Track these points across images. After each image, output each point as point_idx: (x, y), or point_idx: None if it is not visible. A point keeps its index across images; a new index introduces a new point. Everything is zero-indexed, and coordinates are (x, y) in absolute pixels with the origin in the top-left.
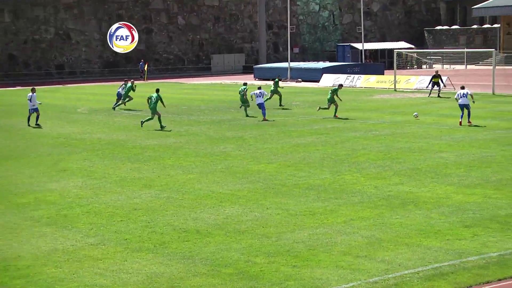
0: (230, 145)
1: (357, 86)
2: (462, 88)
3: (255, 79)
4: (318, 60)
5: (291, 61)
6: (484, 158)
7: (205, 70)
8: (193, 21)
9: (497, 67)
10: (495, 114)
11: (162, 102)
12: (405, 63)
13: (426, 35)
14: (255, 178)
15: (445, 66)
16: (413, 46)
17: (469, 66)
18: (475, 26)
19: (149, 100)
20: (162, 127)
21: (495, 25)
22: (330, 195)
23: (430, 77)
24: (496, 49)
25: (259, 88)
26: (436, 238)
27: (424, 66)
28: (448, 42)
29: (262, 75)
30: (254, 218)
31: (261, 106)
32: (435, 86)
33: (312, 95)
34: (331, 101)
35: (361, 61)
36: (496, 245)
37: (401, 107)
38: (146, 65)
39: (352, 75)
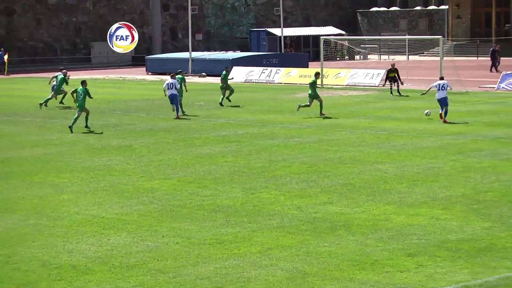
0: (116, 157)
1: (275, 82)
2: (441, 78)
3: (147, 73)
4: (226, 49)
5: (193, 50)
6: (430, 171)
7: (83, 61)
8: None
9: (445, 58)
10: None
11: (89, 95)
12: (334, 53)
13: (359, 18)
14: (147, 198)
15: (382, 56)
16: (343, 32)
17: (411, 57)
18: (418, 8)
19: (75, 95)
20: (87, 127)
21: (442, 7)
22: (242, 219)
23: (384, 71)
24: (443, 36)
25: (174, 76)
26: (373, 270)
27: (357, 57)
28: (386, 28)
29: (157, 68)
30: (147, 249)
31: (174, 99)
32: (393, 82)
33: (220, 93)
34: (314, 97)
35: (280, 50)
36: (445, 277)
37: (329, 108)
38: (6, 55)
39: (269, 68)
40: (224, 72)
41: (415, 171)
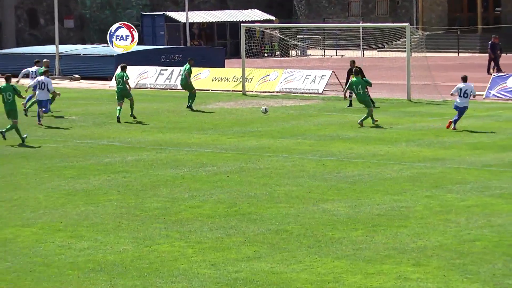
0: None
1: (178, 87)
2: (464, 80)
3: None
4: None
5: (61, 43)
6: (396, 211)
7: None
8: None
9: (413, 54)
10: (410, 134)
11: (18, 94)
12: (260, 47)
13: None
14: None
15: (328, 52)
16: (273, 18)
17: (367, 53)
18: None
19: (3, 97)
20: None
21: None
22: (134, 281)
23: (346, 72)
24: (411, 24)
25: (43, 74)
26: None
27: (293, 52)
28: (332, 12)
29: (9, 67)
30: None
31: (42, 102)
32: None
33: (100, 103)
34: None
35: (185, 43)
36: None
37: (253, 124)
38: None
39: (170, 68)
40: (187, 66)
41: (375, 212)
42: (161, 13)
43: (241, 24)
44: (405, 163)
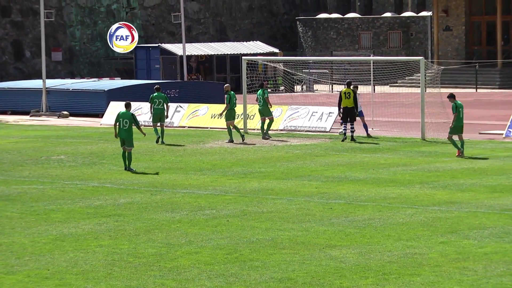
0: None
1: (175, 125)
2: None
3: None
4: (101, 76)
5: (49, 77)
6: (408, 259)
7: None
8: None
9: (428, 90)
10: (425, 176)
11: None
12: (263, 81)
13: (300, 29)
14: None
15: (336, 87)
16: (277, 51)
17: (379, 88)
18: (388, 15)
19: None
20: None
21: (424, 13)
22: None
23: (337, 98)
24: (425, 57)
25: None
26: None
27: (298, 88)
28: (340, 45)
29: None
30: None
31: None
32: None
33: (90, 142)
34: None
35: (182, 77)
36: None
37: (255, 164)
38: None
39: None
40: (263, 90)
41: (386, 259)
42: (156, 45)
43: (243, 57)
44: (418, 206)
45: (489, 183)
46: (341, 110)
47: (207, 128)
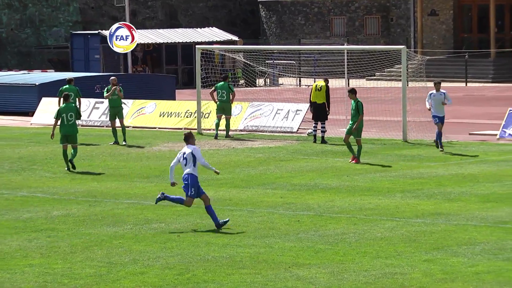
0: None
1: (117, 125)
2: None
3: None
4: (31, 68)
5: None
6: (388, 279)
7: None
8: None
9: (410, 84)
10: (407, 183)
11: None
12: (220, 74)
13: (263, 14)
14: None
15: (304, 81)
16: (236, 38)
17: (354, 82)
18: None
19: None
20: None
21: None
22: None
23: (309, 94)
24: (407, 46)
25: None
26: None
27: (260, 81)
28: (309, 32)
29: None
30: None
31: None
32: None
33: (18, 145)
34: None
35: (126, 69)
36: None
37: (210, 171)
38: None
39: (107, 101)
40: (226, 84)
41: (362, 280)
42: (96, 32)
43: (196, 46)
44: (399, 219)
45: (480, 191)
46: (313, 108)
47: (155, 128)
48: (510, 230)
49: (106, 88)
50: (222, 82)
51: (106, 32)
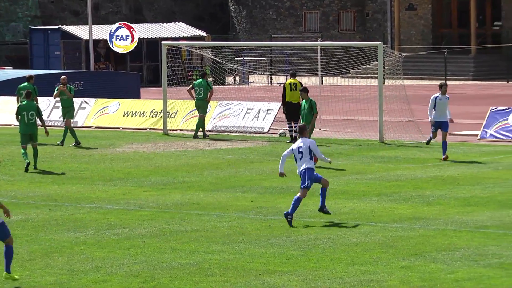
0: None
1: (79, 125)
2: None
3: None
4: None
5: None
6: (365, 286)
7: None
8: None
9: (387, 82)
10: (383, 186)
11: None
12: (188, 71)
13: (232, 8)
14: None
15: (276, 78)
16: (204, 34)
17: (328, 79)
18: None
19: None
20: None
21: None
22: None
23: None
24: (384, 42)
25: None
26: None
27: (230, 79)
28: (281, 27)
29: None
30: None
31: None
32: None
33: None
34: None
35: (88, 66)
36: None
37: (177, 173)
38: None
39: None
40: (204, 81)
41: (336, 287)
42: (57, 27)
43: (162, 42)
44: (375, 223)
45: (461, 194)
46: (285, 106)
47: (119, 128)
48: (491, 235)
49: (56, 87)
50: (200, 80)
51: (67, 27)
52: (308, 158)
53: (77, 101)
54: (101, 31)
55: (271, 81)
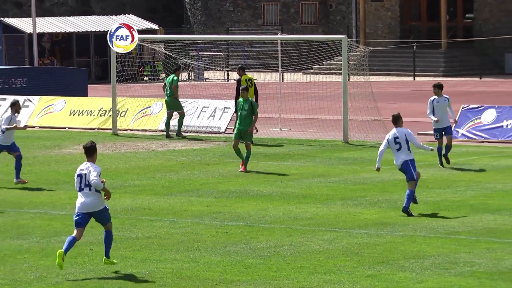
0: None
1: (22, 125)
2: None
3: None
4: None
5: None
6: None
7: None
8: None
9: (352, 78)
10: (348, 190)
11: None
12: (139, 68)
13: (186, 0)
14: None
15: (233, 74)
16: (156, 27)
17: (289, 76)
18: None
19: None
20: None
21: None
22: None
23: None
24: (349, 36)
25: None
26: None
27: (184, 75)
28: (238, 20)
29: None
30: None
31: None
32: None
33: None
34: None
35: (32, 61)
36: None
37: (127, 176)
38: None
39: (10, 98)
40: (174, 77)
41: None
42: None
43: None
44: (340, 229)
45: (430, 198)
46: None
47: (65, 128)
48: (463, 241)
49: None
50: (172, 75)
51: (9, 20)
52: (407, 148)
53: (20, 99)
54: (45, 24)
55: (228, 78)
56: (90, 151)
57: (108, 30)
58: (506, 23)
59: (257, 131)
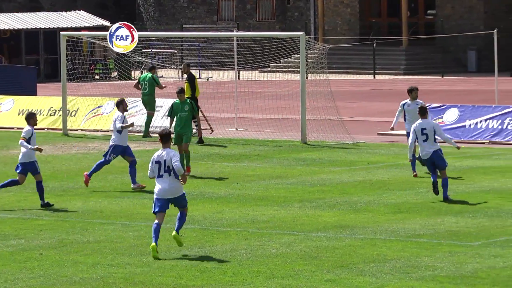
0: None
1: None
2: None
3: None
4: None
5: None
6: None
7: None
8: None
9: (310, 77)
10: (306, 191)
11: None
12: (90, 65)
13: None
14: None
15: (198, 73)
16: (108, 24)
17: (245, 74)
18: None
19: None
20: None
21: None
22: None
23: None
24: (307, 33)
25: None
26: None
27: (136, 74)
28: (193, 16)
29: None
30: None
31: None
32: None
33: None
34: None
35: None
36: None
37: (78, 177)
38: None
39: None
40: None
41: None
42: None
43: (61, 32)
44: (298, 233)
45: (391, 200)
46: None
47: (13, 128)
48: (425, 245)
49: None
50: (146, 73)
51: None
52: (433, 140)
53: None
54: None
55: (182, 76)
56: (165, 138)
57: (58, 27)
58: (469, 19)
59: (212, 131)
